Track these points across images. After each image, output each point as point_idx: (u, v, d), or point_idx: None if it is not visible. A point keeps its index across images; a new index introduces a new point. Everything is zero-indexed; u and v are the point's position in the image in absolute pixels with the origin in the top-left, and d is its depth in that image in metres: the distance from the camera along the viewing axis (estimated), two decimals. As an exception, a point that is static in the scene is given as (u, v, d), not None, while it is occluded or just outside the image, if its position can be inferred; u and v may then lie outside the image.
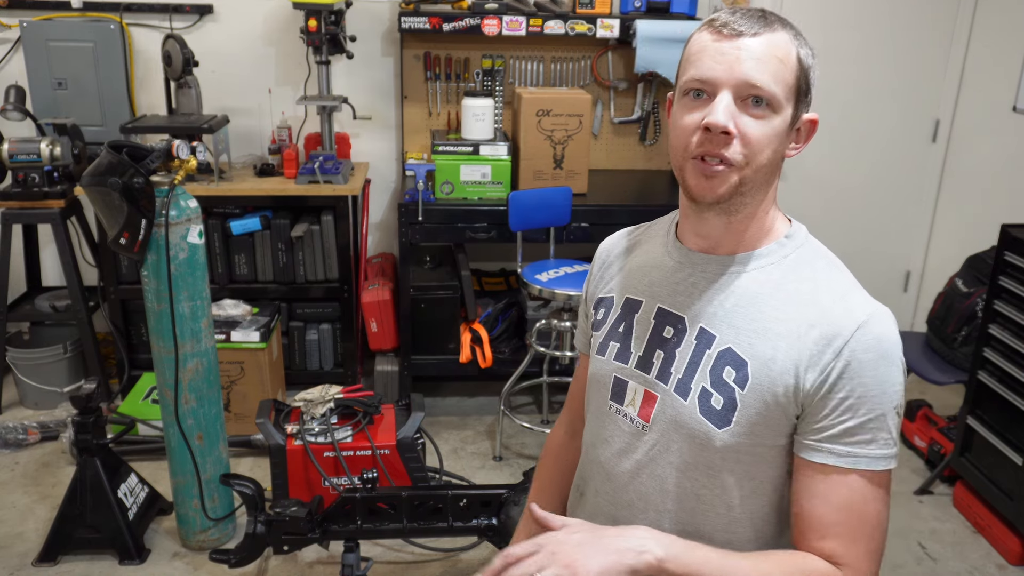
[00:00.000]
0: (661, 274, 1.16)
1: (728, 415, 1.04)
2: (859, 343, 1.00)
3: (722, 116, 0.99)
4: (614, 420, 1.17)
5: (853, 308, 1.02)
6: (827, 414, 1.01)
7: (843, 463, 1.01)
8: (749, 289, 1.07)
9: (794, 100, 1.03)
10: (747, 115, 1.01)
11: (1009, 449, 2.62)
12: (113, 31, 3.33)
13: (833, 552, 1.02)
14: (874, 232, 4.01)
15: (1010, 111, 3.46)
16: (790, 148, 1.08)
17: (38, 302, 3.42)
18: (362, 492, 2.19)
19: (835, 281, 1.07)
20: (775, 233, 1.11)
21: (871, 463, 1.01)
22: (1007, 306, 2.67)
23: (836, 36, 3.74)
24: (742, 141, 1.01)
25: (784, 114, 1.03)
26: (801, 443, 1.04)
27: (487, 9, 3.34)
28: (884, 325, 1.02)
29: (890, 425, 1.01)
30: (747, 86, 1.00)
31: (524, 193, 3.19)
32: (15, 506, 2.79)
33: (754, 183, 1.04)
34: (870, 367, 0.99)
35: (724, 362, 1.06)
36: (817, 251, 1.12)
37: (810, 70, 1.05)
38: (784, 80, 1.01)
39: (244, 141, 3.58)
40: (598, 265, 1.30)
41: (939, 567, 2.65)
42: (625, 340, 1.17)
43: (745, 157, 1.02)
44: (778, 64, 1.01)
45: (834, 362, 1.00)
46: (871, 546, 1.03)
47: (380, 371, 3.43)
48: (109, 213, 2.25)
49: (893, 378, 1.01)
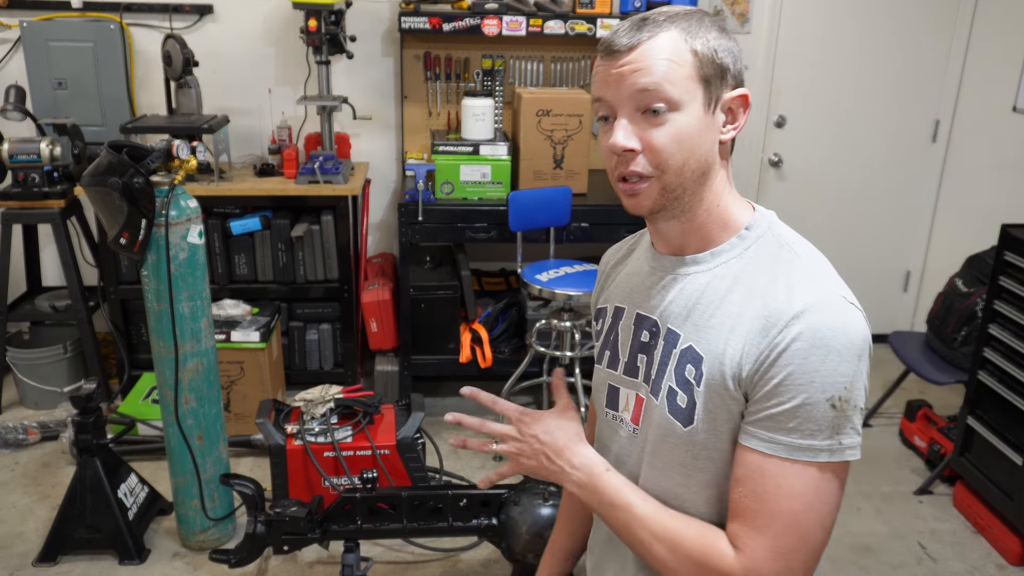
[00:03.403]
0: (639, 280, 1.18)
1: (691, 412, 1.05)
2: (793, 330, 0.97)
3: (620, 137, 1.01)
4: (613, 427, 1.20)
5: (794, 298, 1.00)
6: (758, 399, 0.99)
7: (762, 447, 0.99)
8: (711, 286, 1.07)
9: (702, 89, 1.02)
10: (649, 126, 1.01)
11: (1009, 449, 2.62)
12: (113, 31, 3.33)
13: (735, 535, 1.01)
14: (874, 232, 4.02)
15: (1010, 111, 3.46)
16: (724, 132, 1.06)
17: (38, 302, 3.42)
18: (362, 492, 2.19)
19: (790, 270, 1.04)
20: (735, 225, 1.09)
21: (789, 452, 0.97)
22: (1007, 306, 2.67)
23: (836, 36, 3.74)
24: (649, 152, 1.01)
25: (690, 108, 1.01)
26: (739, 428, 1.03)
27: (487, 9, 3.34)
28: (825, 314, 0.98)
29: (818, 416, 0.97)
30: (638, 99, 1.00)
31: (524, 193, 3.20)
32: (15, 506, 2.79)
33: (683, 185, 1.04)
34: (800, 355, 0.97)
35: (686, 360, 1.06)
36: (780, 239, 1.09)
37: (715, 53, 1.02)
38: (678, 77, 1.00)
39: (244, 141, 3.58)
40: (600, 276, 1.32)
41: (939, 567, 2.65)
42: (614, 347, 1.20)
43: (656, 166, 1.02)
44: (666, 64, 1.00)
45: (768, 349, 0.98)
46: (778, 542, 0.97)
47: (380, 371, 3.43)
48: (109, 213, 2.25)
49: (829, 368, 0.96)
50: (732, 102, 1.05)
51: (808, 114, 3.81)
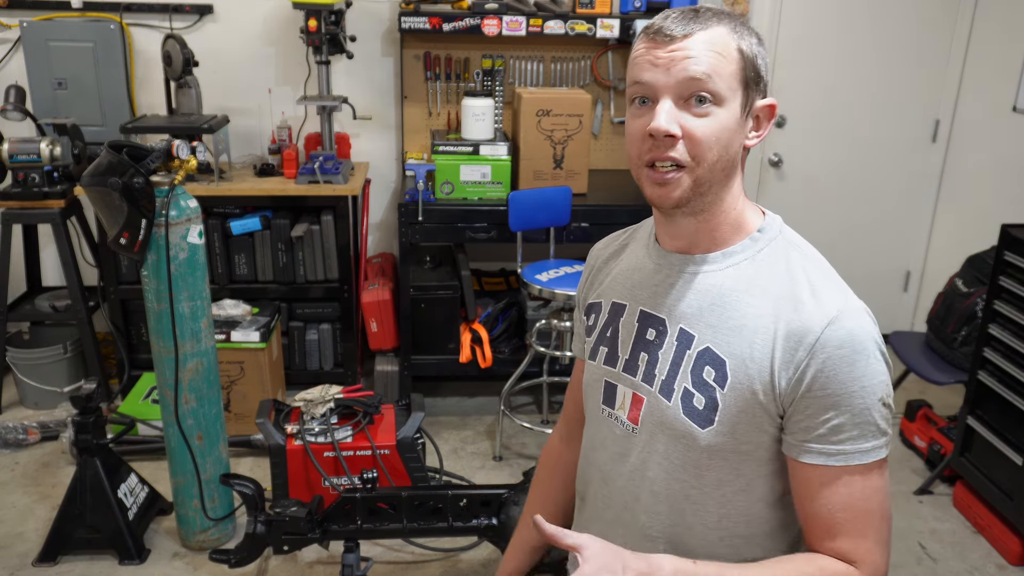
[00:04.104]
0: (642, 276, 1.17)
1: (710, 415, 1.05)
2: (831, 340, 0.99)
3: (663, 120, 1.01)
4: (607, 424, 1.19)
5: (824, 303, 1.01)
6: (810, 414, 1.01)
7: (834, 462, 1.01)
8: (724, 287, 1.08)
9: (742, 90, 1.03)
10: (691, 114, 1.01)
11: (1009, 449, 2.62)
12: (113, 31, 3.33)
13: (845, 551, 1.03)
14: (874, 232, 4.01)
15: (1010, 111, 3.46)
16: (749, 138, 1.07)
17: (38, 302, 3.42)
18: (362, 492, 2.19)
19: (809, 274, 1.06)
20: (747, 228, 1.10)
21: (863, 457, 1.01)
22: (1007, 306, 2.67)
23: (836, 36, 3.74)
24: (689, 141, 1.01)
25: (731, 106, 1.02)
26: (789, 443, 1.04)
27: (487, 9, 3.34)
28: (855, 319, 1.01)
29: (876, 417, 1.01)
30: (686, 86, 1.00)
31: (524, 193, 3.19)
32: (15, 506, 2.79)
33: (711, 181, 1.04)
34: (845, 363, 0.99)
35: (704, 362, 1.06)
36: (791, 243, 1.11)
37: (756, 58, 1.04)
38: (725, 73, 1.01)
39: (244, 141, 3.58)
40: (588, 270, 1.31)
41: (939, 567, 2.65)
42: (612, 344, 1.19)
43: (694, 157, 1.02)
44: (717, 58, 1.01)
45: (807, 360, 1.00)
46: (879, 536, 1.04)
47: (380, 371, 3.43)
48: (109, 213, 2.25)
49: (872, 370, 1.00)
50: (761, 110, 1.07)
51: (808, 114, 3.81)
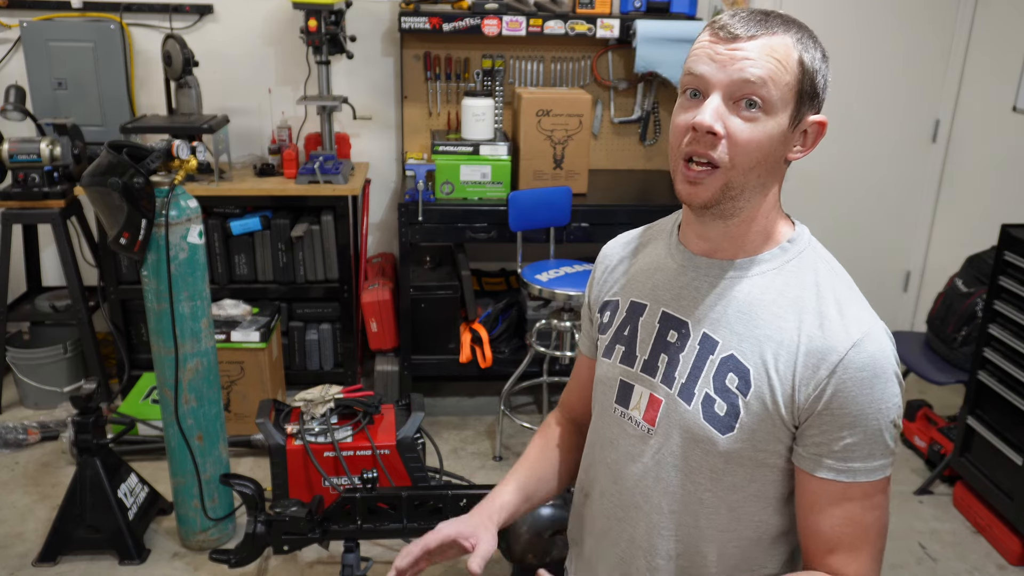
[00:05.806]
0: (664, 277, 1.16)
1: (731, 421, 1.05)
2: (853, 362, 1.00)
3: (709, 116, 1.00)
4: (619, 423, 1.18)
5: (849, 324, 1.02)
6: (825, 431, 1.02)
7: (843, 478, 1.03)
8: (751, 295, 1.07)
9: (794, 102, 1.02)
10: (738, 117, 1.00)
11: (1009, 449, 2.62)
12: (113, 31, 3.33)
13: (841, 566, 1.05)
14: (874, 232, 4.01)
15: (1010, 111, 3.46)
16: (794, 151, 1.06)
17: (38, 302, 3.42)
18: (362, 492, 2.19)
19: (836, 289, 1.06)
20: (777, 237, 1.10)
21: (870, 474, 1.03)
22: (1007, 306, 2.67)
23: (836, 36, 3.73)
24: (730, 142, 1.00)
25: (779, 117, 1.01)
26: (800, 455, 1.05)
27: (487, 9, 3.34)
28: (878, 342, 1.02)
29: (887, 437, 1.03)
30: (738, 87, 0.99)
31: (524, 193, 3.19)
32: (15, 506, 2.79)
33: (744, 186, 1.03)
34: (865, 386, 1.00)
35: (727, 368, 1.06)
36: (819, 255, 1.11)
37: (816, 73, 1.03)
38: (781, 82, 1.00)
39: (244, 141, 3.58)
40: (601, 269, 1.29)
41: (939, 567, 2.65)
42: (630, 343, 1.17)
43: (731, 159, 1.01)
44: (775, 66, 1.00)
45: (828, 380, 1.00)
46: (873, 551, 1.05)
47: (380, 371, 3.43)
48: (109, 213, 2.25)
49: (889, 393, 1.01)
50: (811, 126, 1.06)
51: (808, 114, 3.81)
